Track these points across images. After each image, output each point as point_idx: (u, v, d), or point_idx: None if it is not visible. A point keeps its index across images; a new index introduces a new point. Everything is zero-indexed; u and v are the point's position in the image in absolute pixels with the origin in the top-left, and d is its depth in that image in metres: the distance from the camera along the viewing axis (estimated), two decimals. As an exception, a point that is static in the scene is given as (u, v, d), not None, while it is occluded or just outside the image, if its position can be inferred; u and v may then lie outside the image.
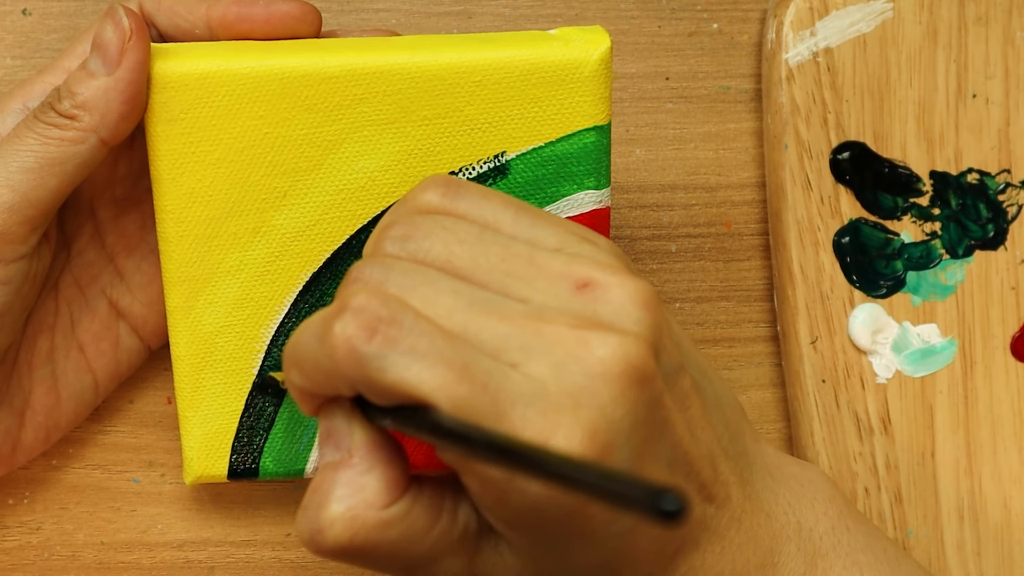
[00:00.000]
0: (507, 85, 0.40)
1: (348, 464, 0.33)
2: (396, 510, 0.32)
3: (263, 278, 0.42)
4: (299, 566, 0.48)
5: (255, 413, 0.43)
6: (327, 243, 0.42)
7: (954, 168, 0.48)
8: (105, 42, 0.39)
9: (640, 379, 0.31)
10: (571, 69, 0.40)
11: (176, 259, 0.42)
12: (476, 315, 0.31)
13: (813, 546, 0.37)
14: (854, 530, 0.38)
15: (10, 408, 0.43)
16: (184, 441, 0.43)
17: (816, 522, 0.37)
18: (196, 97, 0.40)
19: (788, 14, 0.47)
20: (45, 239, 0.42)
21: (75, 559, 0.48)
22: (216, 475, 0.44)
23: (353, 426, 0.33)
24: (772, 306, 0.49)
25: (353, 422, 0.33)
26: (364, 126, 0.41)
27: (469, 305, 0.32)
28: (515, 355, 0.31)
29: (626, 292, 0.32)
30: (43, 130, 0.39)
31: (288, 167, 0.41)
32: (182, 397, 0.43)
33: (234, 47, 0.41)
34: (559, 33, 0.41)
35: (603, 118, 0.41)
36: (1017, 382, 0.49)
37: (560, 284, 0.32)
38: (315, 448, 0.44)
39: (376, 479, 0.32)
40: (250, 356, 0.43)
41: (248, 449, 0.43)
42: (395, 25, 0.48)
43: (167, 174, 0.41)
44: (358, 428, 0.33)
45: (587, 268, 0.32)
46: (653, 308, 0.32)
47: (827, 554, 0.37)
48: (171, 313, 0.42)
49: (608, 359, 0.31)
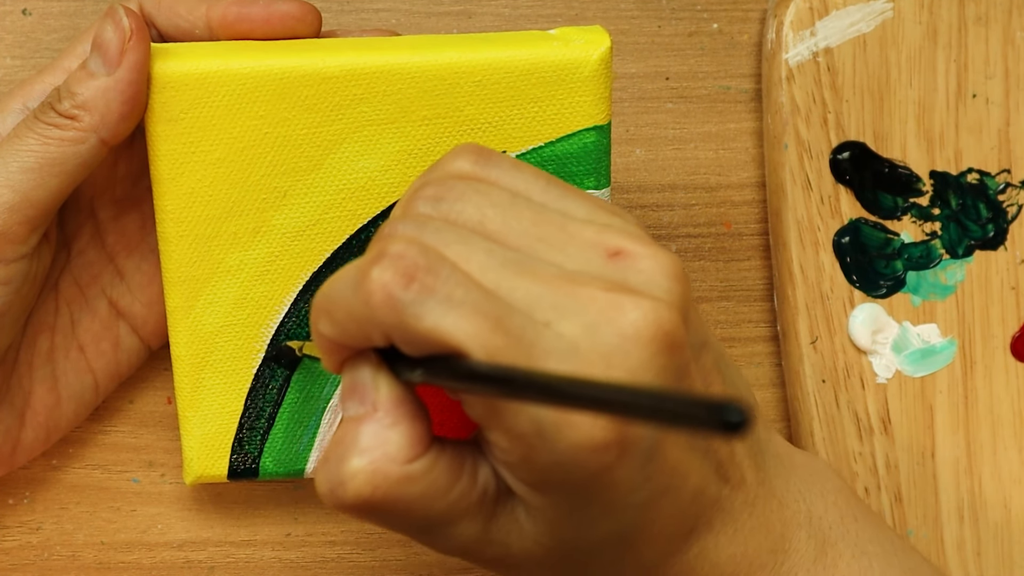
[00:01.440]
0: (507, 85, 0.40)
1: (372, 418, 0.32)
2: (418, 466, 0.32)
3: (263, 278, 0.42)
4: (299, 566, 0.48)
5: (255, 413, 0.43)
6: (327, 243, 0.42)
7: (954, 168, 0.48)
8: (105, 42, 0.39)
9: (671, 345, 0.31)
10: (571, 69, 0.40)
11: (176, 259, 0.42)
12: (509, 274, 0.31)
13: (823, 535, 0.37)
14: (862, 521, 0.38)
15: (10, 408, 0.43)
16: (184, 441, 0.43)
17: (825, 511, 0.38)
18: (196, 97, 0.40)
19: (788, 14, 0.47)
20: (45, 239, 0.42)
21: (75, 559, 0.48)
22: (216, 475, 0.44)
23: (379, 380, 0.33)
24: (772, 306, 0.49)
25: (379, 376, 0.33)
26: (364, 126, 0.41)
27: (502, 264, 0.32)
28: (547, 314, 0.31)
29: (657, 263, 0.32)
30: (43, 130, 0.39)
31: (288, 167, 0.41)
32: (182, 397, 0.43)
33: (234, 47, 0.41)
34: (559, 33, 0.41)
35: (603, 118, 0.41)
36: (1017, 382, 0.49)
37: (591, 251, 0.32)
38: (315, 448, 0.44)
39: (400, 434, 0.32)
40: (250, 356, 0.43)
41: (248, 449, 0.43)
42: (395, 25, 0.48)
43: (167, 174, 0.41)
44: (384, 382, 0.33)
45: (618, 237, 0.33)
46: (682, 280, 0.32)
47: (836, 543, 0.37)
48: (171, 313, 0.42)
49: (640, 322, 0.31)
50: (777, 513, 0.36)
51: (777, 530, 0.36)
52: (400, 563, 0.48)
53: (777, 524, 0.36)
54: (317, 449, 0.44)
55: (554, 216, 0.33)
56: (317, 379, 0.43)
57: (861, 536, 0.38)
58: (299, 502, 0.48)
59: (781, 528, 0.36)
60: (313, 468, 0.44)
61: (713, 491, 0.35)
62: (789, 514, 0.37)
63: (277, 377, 0.43)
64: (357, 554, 0.48)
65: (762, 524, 0.36)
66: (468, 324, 0.30)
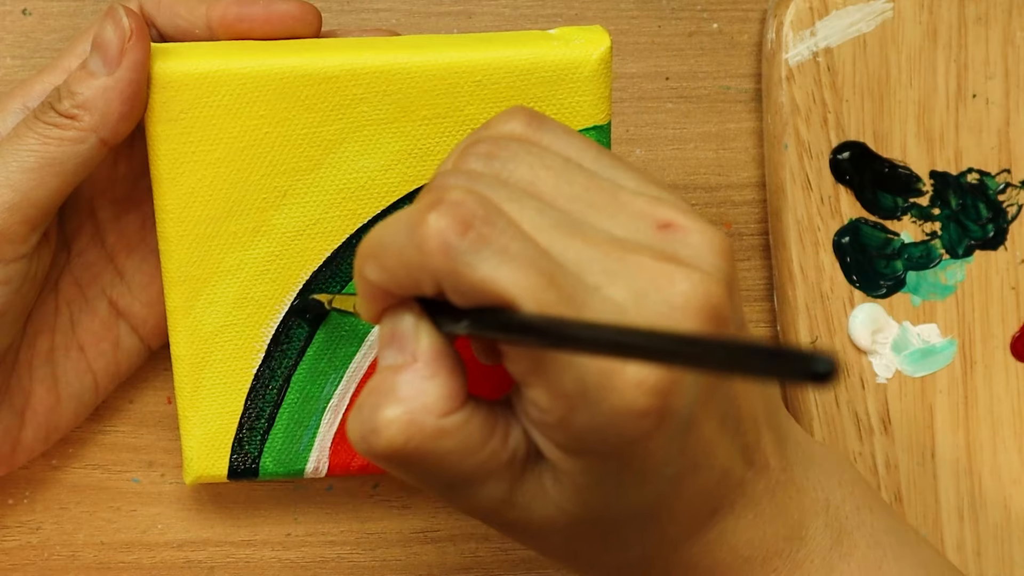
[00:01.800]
0: (507, 85, 0.40)
1: (411, 368, 0.32)
2: (454, 420, 0.32)
3: (263, 277, 0.42)
4: (299, 566, 0.48)
5: (255, 413, 0.43)
6: (327, 242, 0.42)
7: (954, 168, 0.48)
8: (105, 42, 0.39)
9: (717, 319, 0.31)
10: (571, 69, 0.40)
11: (176, 259, 0.42)
12: (561, 235, 0.31)
13: (839, 524, 0.37)
14: (877, 512, 0.38)
15: (10, 408, 0.43)
16: (184, 441, 0.43)
17: (843, 501, 0.38)
18: (196, 97, 0.40)
19: (788, 14, 0.47)
20: (45, 239, 0.42)
21: (75, 559, 0.48)
22: (216, 475, 0.44)
23: (421, 331, 0.33)
24: (772, 306, 0.49)
25: (421, 326, 0.33)
26: (364, 126, 0.41)
27: (554, 225, 0.31)
28: (598, 277, 0.31)
29: (706, 238, 0.32)
30: (43, 130, 0.39)
31: (288, 166, 0.41)
32: (182, 397, 0.43)
33: (234, 47, 0.41)
34: (559, 33, 0.41)
35: (603, 118, 0.41)
36: (1017, 382, 0.49)
37: (642, 221, 0.32)
38: (315, 448, 0.44)
39: (438, 386, 0.32)
40: (250, 356, 0.43)
41: (248, 449, 0.43)
42: (395, 25, 0.48)
43: (167, 174, 0.41)
44: (425, 333, 0.32)
45: (669, 210, 0.32)
46: (730, 258, 0.32)
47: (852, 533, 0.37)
48: (171, 313, 0.42)
49: (690, 293, 0.31)
50: (796, 500, 0.36)
51: (795, 517, 0.36)
52: (400, 563, 0.48)
53: (795, 511, 0.36)
54: (317, 449, 0.44)
55: (605, 184, 0.33)
56: (316, 379, 0.43)
57: (876, 527, 0.38)
58: (299, 502, 0.48)
59: (799, 516, 0.36)
60: (313, 469, 0.44)
61: (739, 473, 0.35)
62: (808, 502, 0.37)
63: (277, 377, 0.43)
64: (357, 554, 0.48)
65: (781, 511, 0.36)
66: (522, 277, 0.30)
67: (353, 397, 0.43)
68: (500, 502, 0.34)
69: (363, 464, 0.44)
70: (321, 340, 0.43)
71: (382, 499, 0.48)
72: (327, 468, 0.44)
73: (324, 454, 0.44)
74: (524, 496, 0.34)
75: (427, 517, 0.48)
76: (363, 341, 0.43)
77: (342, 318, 0.43)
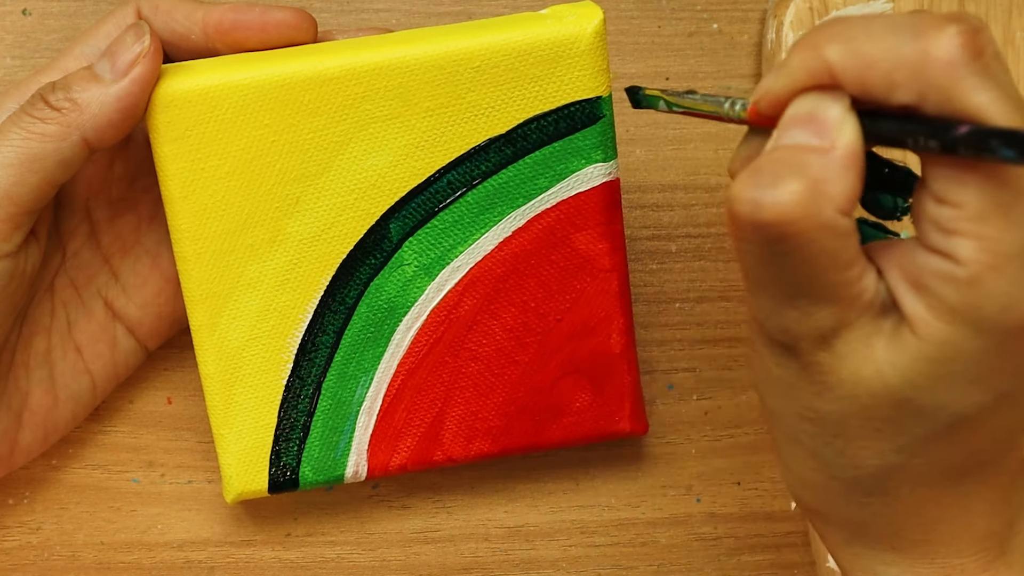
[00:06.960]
0: (506, 67, 0.41)
1: (828, 153, 0.31)
2: (847, 223, 0.31)
3: (284, 287, 0.42)
4: (299, 566, 0.48)
5: (289, 424, 0.43)
6: (343, 244, 0.42)
7: (953, 168, 0.48)
8: (120, 50, 0.39)
9: None
10: (567, 45, 0.41)
11: (195, 277, 0.42)
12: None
13: None
14: None
15: (8, 409, 0.43)
16: (221, 459, 0.43)
17: None
18: (200, 113, 0.40)
19: (788, 14, 0.47)
20: (33, 238, 0.41)
21: (75, 559, 0.48)
22: (257, 490, 0.44)
23: (847, 122, 0.31)
24: (772, 306, 0.49)
25: (848, 118, 0.31)
26: (369, 124, 0.41)
27: None
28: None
29: None
30: (27, 124, 0.39)
31: (298, 173, 0.41)
32: (215, 415, 0.43)
33: (233, 60, 0.41)
34: (551, 12, 0.42)
35: (604, 89, 0.41)
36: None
37: None
38: (352, 452, 0.44)
39: (848, 181, 0.31)
40: (278, 367, 0.43)
41: (286, 461, 0.43)
42: (395, 25, 0.48)
43: (178, 192, 0.41)
44: (851, 126, 0.31)
45: None
46: None
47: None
48: (196, 331, 0.42)
49: None
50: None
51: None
52: (400, 563, 0.48)
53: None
54: (355, 453, 0.44)
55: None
56: (347, 384, 0.43)
57: None
58: (299, 502, 0.48)
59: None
60: (353, 473, 0.44)
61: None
62: None
63: (308, 386, 0.43)
64: (357, 554, 0.48)
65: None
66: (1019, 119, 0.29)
67: (385, 398, 0.43)
68: (820, 336, 0.32)
69: (402, 463, 0.44)
70: (348, 345, 0.43)
71: (382, 499, 0.48)
72: (367, 471, 0.44)
73: (362, 457, 0.44)
74: (845, 344, 0.32)
75: (427, 517, 0.48)
76: (389, 341, 0.43)
77: (371, 316, 0.42)
